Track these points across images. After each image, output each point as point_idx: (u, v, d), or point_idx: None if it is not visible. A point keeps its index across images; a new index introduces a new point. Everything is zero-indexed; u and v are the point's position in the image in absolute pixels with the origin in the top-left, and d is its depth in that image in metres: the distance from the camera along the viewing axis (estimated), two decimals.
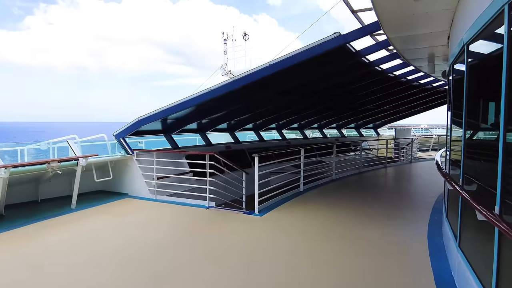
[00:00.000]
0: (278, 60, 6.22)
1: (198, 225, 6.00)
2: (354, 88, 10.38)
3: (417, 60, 7.98)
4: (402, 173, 12.39)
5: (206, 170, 7.25)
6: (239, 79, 6.62)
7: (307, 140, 16.85)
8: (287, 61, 6.15)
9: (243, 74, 6.60)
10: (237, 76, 6.65)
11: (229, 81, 6.72)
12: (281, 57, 6.16)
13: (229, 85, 6.76)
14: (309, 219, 6.20)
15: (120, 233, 5.55)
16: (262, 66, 6.37)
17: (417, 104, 16.16)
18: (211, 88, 6.98)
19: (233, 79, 6.67)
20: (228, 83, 6.74)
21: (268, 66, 6.33)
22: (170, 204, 7.59)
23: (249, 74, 6.52)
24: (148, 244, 4.98)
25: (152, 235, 5.38)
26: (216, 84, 6.87)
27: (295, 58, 6.08)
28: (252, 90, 7.88)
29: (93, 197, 8.30)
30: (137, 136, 11.89)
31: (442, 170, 4.26)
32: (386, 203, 7.41)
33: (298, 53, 6.02)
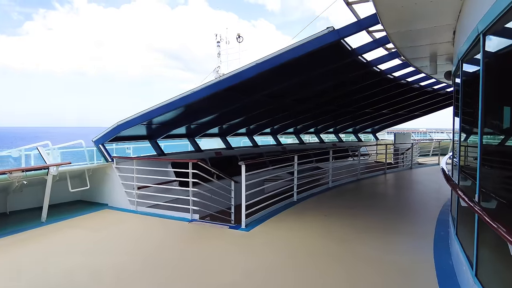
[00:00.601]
0: (266, 59, 5.63)
1: (175, 242, 5.36)
2: (351, 90, 9.80)
3: (418, 60, 7.41)
4: (402, 180, 11.78)
5: (189, 179, 6.62)
6: (223, 80, 6.02)
7: (303, 145, 16.25)
8: (275, 59, 5.56)
9: (228, 74, 6.00)
10: (222, 77, 6.05)
11: (212, 82, 6.12)
12: (269, 55, 5.57)
13: (212, 86, 6.16)
14: (301, 234, 5.57)
15: (82, 254, 4.90)
16: (248, 66, 5.78)
17: (417, 107, 15.60)
18: (193, 89, 6.38)
19: (217, 79, 6.08)
20: (211, 84, 6.14)
21: (254, 66, 5.74)
22: (151, 216, 6.95)
23: (233, 75, 5.93)
24: (112, 268, 4.34)
25: (120, 257, 4.74)
26: (198, 86, 6.27)
27: (285, 56, 5.49)
28: (240, 92, 7.29)
29: (69, 208, 7.66)
30: (123, 142, 11.32)
31: (451, 182, 3.65)
32: (387, 214, 6.78)
33: (288, 51, 5.43)
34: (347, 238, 5.33)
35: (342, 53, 6.36)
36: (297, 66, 6.58)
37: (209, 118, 9.49)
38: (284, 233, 5.66)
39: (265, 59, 5.59)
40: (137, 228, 6.28)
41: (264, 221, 6.31)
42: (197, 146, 10.74)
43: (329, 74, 7.72)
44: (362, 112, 13.96)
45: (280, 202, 7.49)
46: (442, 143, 18.74)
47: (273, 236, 5.53)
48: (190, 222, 6.42)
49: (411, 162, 14.65)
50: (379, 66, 7.94)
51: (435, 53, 6.78)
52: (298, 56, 5.44)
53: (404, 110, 15.72)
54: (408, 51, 6.65)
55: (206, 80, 17.38)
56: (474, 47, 3.22)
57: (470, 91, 3.84)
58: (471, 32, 3.28)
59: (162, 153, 9.38)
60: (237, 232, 5.73)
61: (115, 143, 11.90)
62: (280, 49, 5.50)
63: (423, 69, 8.51)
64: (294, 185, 8.09)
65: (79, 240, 5.50)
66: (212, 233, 5.77)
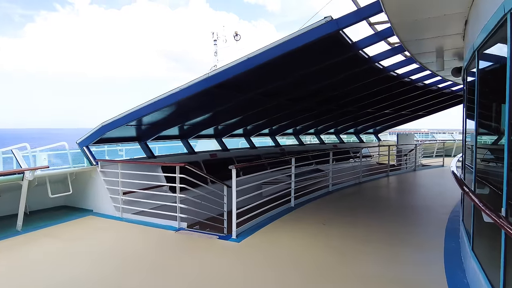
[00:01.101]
0: (257, 53, 5.12)
1: (157, 256, 4.84)
2: (352, 88, 9.28)
3: (424, 55, 6.89)
4: (406, 183, 11.25)
5: (176, 184, 6.12)
6: (211, 76, 5.52)
7: (303, 147, 15.73)
8: (268, 53, 5.05)
9: (217, 70, 5.50)
10: (210, 73, 5.55)
11: (201, 79, 5.62)
12: (261, 48, 5.07)
13: (200, 83, 5.66)
14: (296, 247, 5.05)
15: (51, 268, 4.40)
16: (238, 61, 5.27)
17: (421, 107, 15.05)
18: (180, 87, 5.88)
19: (205, 76, 5.57)
20: (199, 81, 5.64)
21: (245, 60, 5.24)
22: (136, 224, 6.45)
23: (223, 71, 5.43)
24: (80, 286, 3.84)
25: (91, 272, 4.23)
26: (186, 83, 5.78)
27: (279, 49, 4.98)
28: (232, 89, 6.79)
29: (51, 215, 7.16)
30: (112, 144, 10.84)
31: (467, 190, 3.12)
32: (390, 223, 6.26)
33: (282, 43, 4.93)
34: (346, 251, 4.81)
35: (342, 47, 5.85)
36: (293, 61, 6.08)
37: (202, 118, 8.99)
38: (278, 245, 5.14)
39: (257, 53, 5.08)
40: (118, 238, 5.78)
41: (258, 230, 5.80)
42: (190, 148, 10.25)
43: (328, 70, 7.21)
44: (363, 112, 13.44)
45: (276, 208, 6.97)
46: (447, 144, 18.18)
47: (265, 249, 5.01)
48: (177, 231, 5.92)
49: (415, 164, 14.12)
50: (381, 62, 7.43)
51: (442, 47, 6.27)
52: (294, 49, 4.94)
53: (408, 110, 15.18)
54: (413, 45, 6.14)
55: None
56: (497, 31, 2.71)
57: (489, 84, 3.33)
58: (492, 14, 2.77)
59: (152, 155, 8.89)
60: (226, 243, 5.22)
61: (107, 144, 11.49)
62: (273, 42, 4.99)
63: (428, 66, 8.00)
64: (292, 189, 7.58)
65: (52, 252, 5.00)
66: (199, 244, 5.26)
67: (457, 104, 15.22)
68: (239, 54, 7.45)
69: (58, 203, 7.89)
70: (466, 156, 4.71)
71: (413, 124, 25.00)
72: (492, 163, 3.36)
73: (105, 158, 12.54)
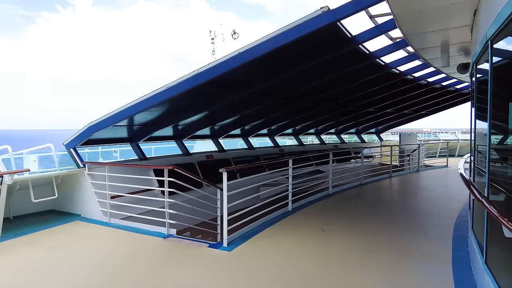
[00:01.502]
0: (249, 47, 4.75)
1: (142, 266, 4.48)
2: (352, 86, 8.90)
3: (428, 51, 6.51)
4: (409, 184, 10.86)
5: (165, 188, 5.76)
6: (200, 73, 5.15)
7: (303, 147, 15.34)
8: (260, 47, 4.68)
9: (206, 67, 5.13)
10: (200, 69, 5.19)
11: (188, 76, 5.25)
12: (252, 43, 4.70)
13: (188, 81, 5.29)
14: (292, 256, 4.68)
15: (22, 282, 4.04)
16: (228, 56, 4.91)
17: (424, 106, 14.65)
18: (168, 85, 5.52)
19: (194, 73, 5.21)
20: (186, 79, 5.28)
21: (236, 56, 4.87)
22: (123, 230, 6.09)
23: (212, 67, 5.06)
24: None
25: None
26: (174, 80, 5.42)
27: (271, 43, 4.61)
28: (225, 88, 6.43)
29: (36, 220, 6.81)
30: (106, 145, 10.50)
31: (483, 201, 2.74)
32: (393, 229, 5.88)
33: (275, 37, 4.56)
34: (346, 261, 4.43)
35: (341, 41, 5.49)
36: (288, 56, 5.72)
37: (196, 117, 8.64)
38: (272, 254, 4.78)
39: (248, 48, 4.72)
40: (103, 246, 5.41)
41: (252, 237, 5.43)
42: (185, 149, 9.89)
43: (326, 67, 6.84)
44: (364, 111, 13.05)
45: (273, 213, 6.60)
46: (450, 143, 17.75)
47: (259, 258, 4.65)
48: (166, 238, 5.55)
49: (418, 164, 13.72)
50: (383, 58, 7.05)
51: (447, 41, 5.88)
52: (288, 43, 4.57)
53: (410, 109, 14.78)
54: (416, 39, 5.76)
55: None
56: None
57: (505, 78, 2.95)
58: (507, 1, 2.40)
59: (144, 157, 8.54)
60: (216, 252, 4.86)
61: (100, 145, 11.15)
62: (265, 35, 4.62)
63: (432, 62, 7.61)
64: (289, 192, 7.20)
65: (28, 263, 4.64)
66: (187, 253, 4.90)
67: (462, 103, 14.82)
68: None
69: (46, 208, 7.54)
70: (475, 157, 4.32)
71: (415, 124, 24.59)
72: (509, 167, 2.99)
73: (98, 159, 12.25)
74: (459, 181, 4.03)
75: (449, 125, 61.78)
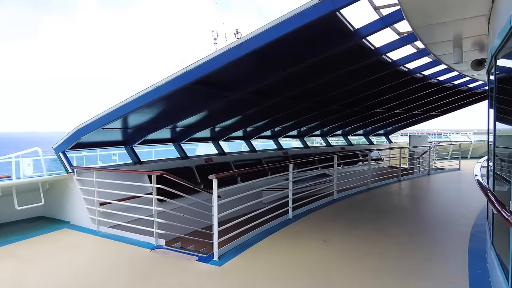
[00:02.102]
0: (241, 41, 4.33)
1: (122, 282, 4.09)
2: (358, 86, 8.39)
3: (439, 46, 5.97)
4: (419, 189, 10.29)
5: (152, 196, 5.36)
6: (190, 71, 4.74)
7: (308, 150, 14.84)
8: (251, 43, 4.25)
9: (195, 64, 4.72)
10: (188, 67, 4.78)
11: (177, 74, 4.85)
12: (244, 37, 4.27)
13: (176, 80, 4.89)
14: (288, 274, 4.22)
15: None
16: (218, 52, 4.49)
17: (434, 106, 14.03)
18: (156, 84, 5.13)
19: (183, 70, 4.80)
20: (174, 78, 4.87)
21: (226, 52, 4.45)
22: (111, 240, 5.71)
23: (203, 63, 4.64)
24: None
25: None
26: (159, 81, 5.02)
27: (265, 36, 4.18)
28: (220, 88, 6.01)
29: (23, 228, 6.47)
30: (105, 148, 10.20)
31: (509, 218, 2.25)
32: (403, 240, 5.38)
33: (265, 31, 4.12)
34: (350, 278, 3.96)
35: (342, 35, 5.02)
36: (287, 51, 5.28)
37: (193, 119, 8.26)
38: (267, 269, 4.33)
39: (239, 43, 4.29)
40: (86, 258, 5.03)
41: (246, 249, 5.00)
42: (182, 152, 9.50)
43: (328, 64, 6.37)
44: (371, 112, 12.50)
45: (272, 221, 6.15)
46: (463, 145, 17.05)
47: (252, 273, 4.21)
48: (153, 249, 5.15)
49: (429, 167, 13.09)
50: (389, 55, 6.56)
51: (460, 35, 5.36)
52: (284, 35, 4.13)
53: (420, 109, 14.17)
54: (426, 33, 5.25)
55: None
56: None
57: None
58: None
59: (139, 161, 8.17)
60: (206, 267, 4.43)
61: (98, 149, 10.84)
62: (255, 30, 4.19)
63: (444, 59, 7.06)
64: (289, 199, 6.74)
65: (2, 278, 4.29)
66: (173, 268, 4.48)
67: (474, 103, 14.16)
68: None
69: (35, 214, 7.22)
70: (495, 162, 3.81)
71: (425, 125, 23.89)
72: None
73: (97, 163, 11.96)
74: (473, 185, 3.54)
75: (461, 125, 60.36)
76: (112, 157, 12.72)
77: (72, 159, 10.64)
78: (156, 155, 13.12)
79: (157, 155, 13.08)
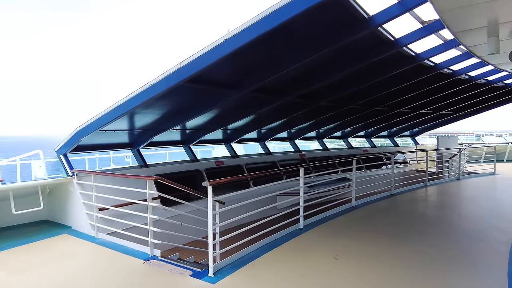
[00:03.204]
0: (236, 32, 3.86)
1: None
2: (377, 83, 7.67)
3: (470, 34, 5.22)
4: (448, 196, 9.40)
5: (147, 203, 4.97)
6: (181, 68, 4.31)
7: (328, 152, 14.12)
8: (247, 33, 3.76)
9: (188, 60, 4.28)
10: (182, 62, 4.35)
11: (170, 71, 4.43)
12: (238, 27, 3.80)
13: (169, 77, 4.47)
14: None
15: None
16: (212, 45, 4.03)
17: (465, 105, 12.95)
18: (150, 82, 4.75)
19: (176, 67, 4.38)
20: (168, 75, 4.45)
21: (224, 42, 3.98)
22: (107, 248, 5.38)
23: (194, 59, 4.20)
24: None
25: None
26: (153, 79, 4.63)
27: (261, 26, 3.68)
28: (222, 86, 5.55)
29: (23, 233, 6.27)
30: (111, 150, 10.03)
31: None
32: (428, 259, 4.69)
33: (264, 18, 3.62)
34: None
35: (356, 22, 4.42)
36: (291, 42, 4.74)
37: (202, 121, 7.88)
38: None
39: (233, 34, 3.81)
40: (76, 268, 4.70)
41: (246, 264, 4.50)
42: (192, 155, 9.14)
43: (343, 57, 5.77)
44: (395, 112, 11.66)
45: (280, 231, 5.60)
46: (498, 147, 15.75)
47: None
48: (147, 260, 4.75)
49: (459, 171, 12.06)
50: (411, 47, 5.86)
51: (496, 19, 4.62)
52: (285, 21, 3.61)
53: (449, 109, 13.13)
54: (455, 19, 4.56)
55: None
56: None
57: None
58: None
59: (145, 164, 7.87)
60: (198, 283, 3.97)
61: (111, 150, 10.70)
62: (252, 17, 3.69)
63: (475, 51, 6.27)
64: (300, 207, 6.17)
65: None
66: (162, 283, 4.05)
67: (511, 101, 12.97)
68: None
69: (39, 218, 7.05)
70: None
71: (456, 125, 22.44)
72: None
73: (110, 165, 11.86)
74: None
75: (495, 126, 56.96)
76: (126, 159, 12.62)
77: (84, 161, 10.61)
78: (171, 157, 12.90)
79: (171, 157, 12.85)
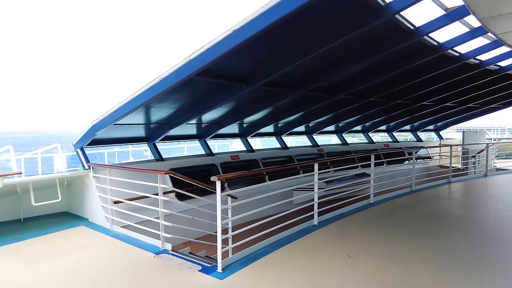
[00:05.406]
0: (245, 22, 3.73)
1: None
2: (398, 74, 7.35)
3: (500, 20, 4.84)
4: (473, 195, 8.95)
5: (158, 196, 4.97)
6: (190, 61, 4.24)
7: (347, 147, 13.80)
8: (255, 23, 3.63)
9: (198, 52, 4.20)
10: (192, 55, 4.27)
11: (180, 64, 4.37)
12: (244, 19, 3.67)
13: (179, 70, 4.41)
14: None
15: None
16: (221, 36, 3.93)
17: (494, 98, 12.26)
18: (161, 76, 4.71)
19: (186, 60, 4.31)
20: (177, 68, 4.40)
21: (231, 34, 3.87)
22: (120, 241, 5.44)
23: (203, 52, 4.11)
24: None
25: None
26: (164, 72, 4.59)
27: (265, 18, 3.54)
28: (220, 77, 5.41)
29: (43, 224, 6.46)
30: (129, 144, 10.16)
31: None
32: (449, 264, 4.45)
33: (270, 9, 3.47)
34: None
35: (371, 10, 4.19)
36: (307, 32, 4.57)
37: (217, 115, 7.84)
38: (274, 287, 3.72)
39: (247, 21, 3.69)
40: (88, 260, 4.76)
41: (256, 260, 4.42)
42: (207, 148, 9.13)
43: (361, 47, 5.52)
44: (418, 105, 11.19)
45: (293, 227, 5.48)
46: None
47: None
48: (158, 254, 4.76)
49: (486, 167, 11.47)
50: (433, 35, 5.53)
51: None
52: (293, 10, 3.45)
53: (476, 101, 12.48)
54: (482, 3, 4.24)
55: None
56: None
57: None
58: None
59: (160, 158, 7.93)
60: (206, 279, 3.93)
61: (128, 144, 10.87)
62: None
63: (506, 39, 5.85)
64: (315, 203, 6.01)
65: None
66: (170, 278, 4.04)
67: None
68: None
69: (59, 210, 7.26)
70: None
71: (485, 119, 21.42)
72: None
73: (129, 159, 12.07)
74: None
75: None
76: (144, 153, 12.81)
77: (103, 155, 10.85)
78: (188, 151, 12.98)
79: (189, 151, 12.94)
